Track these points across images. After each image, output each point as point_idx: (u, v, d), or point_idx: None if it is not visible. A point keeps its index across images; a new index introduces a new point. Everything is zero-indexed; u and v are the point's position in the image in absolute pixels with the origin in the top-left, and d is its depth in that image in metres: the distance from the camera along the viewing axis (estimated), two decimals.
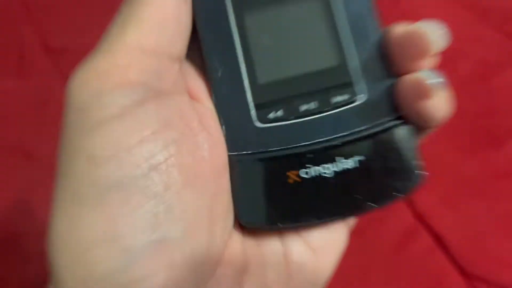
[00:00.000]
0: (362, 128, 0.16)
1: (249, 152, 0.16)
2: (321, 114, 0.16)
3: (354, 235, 0.42)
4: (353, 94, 0.16)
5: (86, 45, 0.59)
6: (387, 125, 0.16)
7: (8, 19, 0.58)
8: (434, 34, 0.17)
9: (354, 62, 0.16)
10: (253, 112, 0.16)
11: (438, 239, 0.42)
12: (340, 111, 0.16)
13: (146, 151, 0.14)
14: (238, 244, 0.17)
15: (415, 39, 0.16)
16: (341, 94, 0.16)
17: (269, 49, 0.16)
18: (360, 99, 0.16)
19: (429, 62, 0.17)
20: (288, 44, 0.16)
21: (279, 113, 0.16)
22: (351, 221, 0.20)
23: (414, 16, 0.66)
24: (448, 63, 0.61)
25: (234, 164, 0.16)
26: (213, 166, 0.16)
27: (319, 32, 0.16)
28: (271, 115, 0.16)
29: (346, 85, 0.16)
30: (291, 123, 0.16)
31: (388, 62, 0.16)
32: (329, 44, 0.16)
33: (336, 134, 0.16)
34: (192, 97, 0.16)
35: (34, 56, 0.54)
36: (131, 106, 0.14)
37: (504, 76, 0.58)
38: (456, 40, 0.65)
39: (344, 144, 0.16)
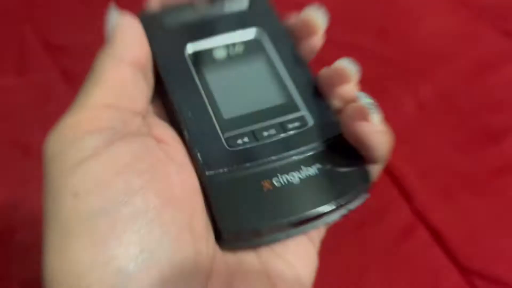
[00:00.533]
0: (315, 144, 0.19)
1: (226, 169, 0.18)
2: (280, 136, 0.19)
3: (353, 230, 0.42)
4: (303, 123, 0.20)
5: (85, 42, 0.60)
6: (333, 140, 0.20)
7: (8, 17, 0.58)
8: (351, 67, 0.21)
9: (298, 97, 0.20)
10: (223, 141, 0.19)
11: (436, 235, 0.42)
12: (295, 133, 0.20)
13: (123, 181, 0.16)
14: (222, 262, 0.18)
15: (338, 73, 0.21)
16: (293, 122, 0.20)
17: (229, 92, 0.20)
18: (309, 123, 0.20)
19: (351, 87, 0.21)
20: (245, 89, 0.21)
21: (246, 139, 0.19)
22: (318, 243, 0.22)
23: (412, 14, 0.67)
24: (445, 60, 0.62)
25: (214, 181, 0.18)
26: (184, 190, 0.17)
27: (268, 78, 0.21)
28: (239, 141, 0.19)
29: (297, 116, 0.20)
30: (257, 145, 0.19)
31: (322, 92, 0.21)
32: (276, 86, 0.21)
33: (296, 149, 0.19)
34: (158, 141, 0.19)
35: (34, 53, 0.54)
36: (102, 146, 0.16)
37: (501, 73, 0.58)
38: (452, 37, 0.66)
39: (304, 156, 0.19)
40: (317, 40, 0.22)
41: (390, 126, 0.54)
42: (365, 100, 0.20)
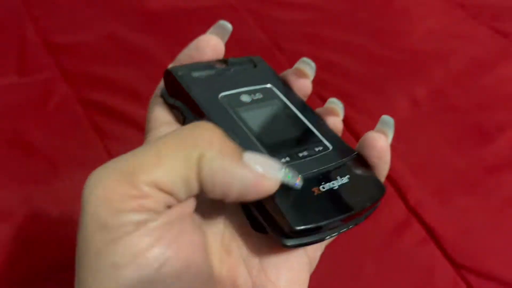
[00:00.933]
0: (341, 161, 0.25)
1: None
2: (313, 156, 0.25)
3: None
4: (325, 146, 0.25)
5: (86, 41, 0.60)
6: (353, 158, 0.25)
7: (9, 16, 0.58)
8: (338, 104, 0.28)
9: (313, 129, 0.26)
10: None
11: (430, 231, 0.43)
12: (322, 154, 0.25)
13: (153, 256, 0.19)
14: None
15: (331, 110, 0.27)
16: (317, 146, 0.25)
17: (261, 125, 0.26)
18: (329, 148, 0.25)
19: (338, 119, 0.27)
20: (272, 122, 0.26)
21: (288, 158, 0.24)
22: (313, 265, 0.26)
23: (407, 14, 0.67)
24: (440, 59, 0.63)
25: (278, 192, 0.22)
26: (197, 252, 0.21)
27: (286, 115, 0.27)
28: (283, 160, 0.24)
29: (318, 142, 0.25)
30: (299, 162, 0.24)
31: (326, 123, 0.27)
32: (295, 121, 0.26)
33: (328, 165, 0.24)
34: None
35: (35, 52, 0.54)
36: (143, 222, 0.19)
37: (495, 72, 0.59)
38: (448, 37, 0.67)
39: (335, 169, 0.24)
40: (308, 85, 0.28)
41: None
42: (389, 119, 0.26)
